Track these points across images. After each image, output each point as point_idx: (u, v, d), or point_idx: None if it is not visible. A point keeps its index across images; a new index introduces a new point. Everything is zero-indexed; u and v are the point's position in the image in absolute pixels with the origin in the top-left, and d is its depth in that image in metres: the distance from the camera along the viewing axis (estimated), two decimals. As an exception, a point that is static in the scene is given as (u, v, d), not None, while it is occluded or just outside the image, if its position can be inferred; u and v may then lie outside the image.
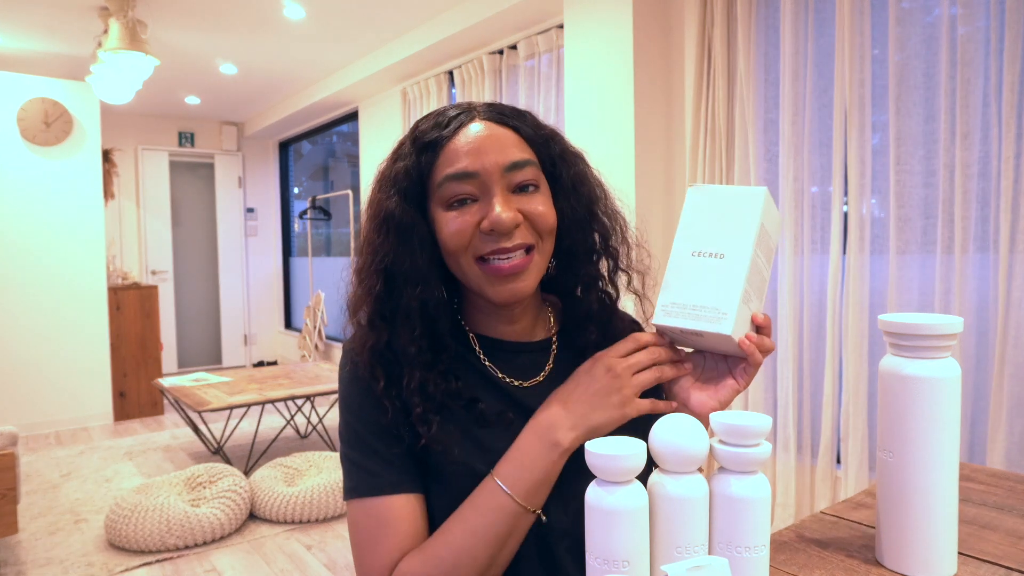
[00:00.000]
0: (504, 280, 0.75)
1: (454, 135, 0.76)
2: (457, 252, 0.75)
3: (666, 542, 0.56)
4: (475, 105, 0.79)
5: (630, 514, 0.53)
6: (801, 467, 2.49)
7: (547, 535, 0.76)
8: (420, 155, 0.77)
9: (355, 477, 0.76)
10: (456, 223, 0.74)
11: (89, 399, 4.78)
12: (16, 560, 2.69)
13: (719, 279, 0.69)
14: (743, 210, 0.70)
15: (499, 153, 0.74)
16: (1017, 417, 1.93)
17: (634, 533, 0.54)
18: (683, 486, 0.56)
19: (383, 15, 3.84)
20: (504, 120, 0.77)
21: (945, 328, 0.64)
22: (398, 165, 0.78)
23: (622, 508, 0.53)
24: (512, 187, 0.75)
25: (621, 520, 0.53)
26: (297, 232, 7.15)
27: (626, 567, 0.53)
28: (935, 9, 2.12)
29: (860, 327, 2.29)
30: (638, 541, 0.54)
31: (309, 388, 3.77)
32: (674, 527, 0.55)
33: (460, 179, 0.74)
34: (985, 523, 0.78)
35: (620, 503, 0.53)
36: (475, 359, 0.82)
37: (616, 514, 0.53)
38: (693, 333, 0.70)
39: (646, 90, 2.80)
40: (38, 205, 4.55)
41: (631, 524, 0.54)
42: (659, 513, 0.56)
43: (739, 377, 0.73)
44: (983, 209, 2.01)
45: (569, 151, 0.83)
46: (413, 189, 0.77)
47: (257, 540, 2.87)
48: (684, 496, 0.55)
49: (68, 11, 3.72)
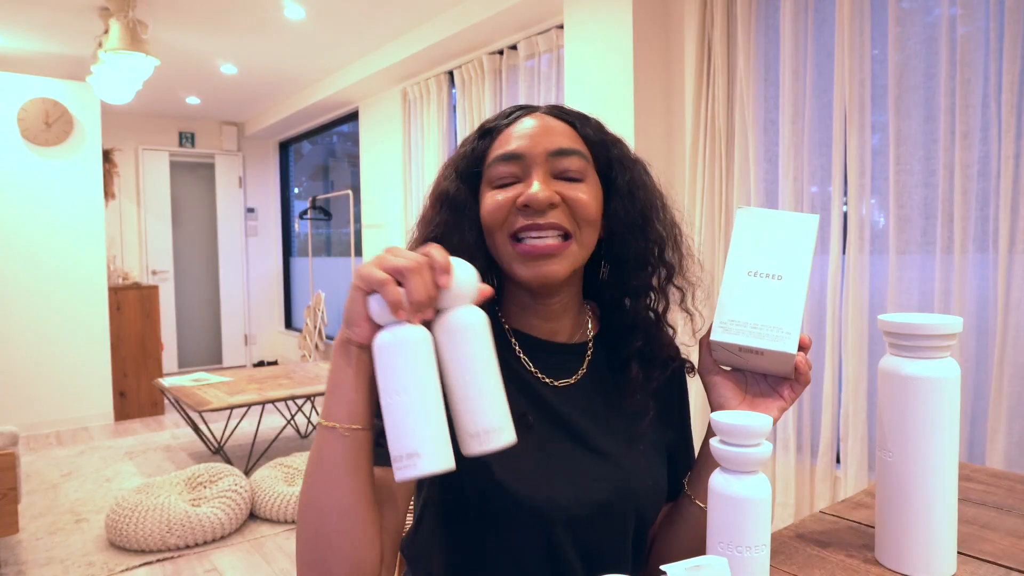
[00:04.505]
0: (536, 260, 0.76)
1: (512, 123, 0.81)
2: (493, 228, 0.78)
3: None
4: (543, 105, 0.84)
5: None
6: (801, 467, 2.49)
7: (546, 514, 0.74)
8: (479, 140, 0.82)
9: None
10: (495, 200, 0.77)
11: (89, 399, 4.79)
12: (16, 560, 2.69)
13: (779, 299, 0.70)
14: (799, 234, 0.72)
15: (547, 139, 0.78)
16: (1017, 417, 1.94)
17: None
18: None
19: (383, 15, 3.84)
20: (563, 115, 0.82)
21: (945, 328, 0.64)
22: (461, 151, 0.84)
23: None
24: (556, 172, 0.77)
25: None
26: (297, 232, 7.15)
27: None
28: (935, 9, 2.12)
29: (860, 327, 2.29)
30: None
31: (309, 388, 3.77)
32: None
33: (507, 160, 0.77)
34: (985, 523, 0.78)
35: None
36: (508, 353, 0.82)
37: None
38: (752, 351, 0.70)
39: (646, 90, 2.80)
40: (38, 205, 4.55)
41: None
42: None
43: (787, 395, 0.74)
44: (983, 209, 2.01)
45: (629, 157, 0.85)
46: (470, 172, 0.81)
47: (257, 540, 2.87)
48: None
49: (68, 11, 3.72)
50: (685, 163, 2.78)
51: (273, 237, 7.28)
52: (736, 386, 0.75)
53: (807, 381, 0.73)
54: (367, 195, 5.27)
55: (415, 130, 4.63)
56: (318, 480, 0.62)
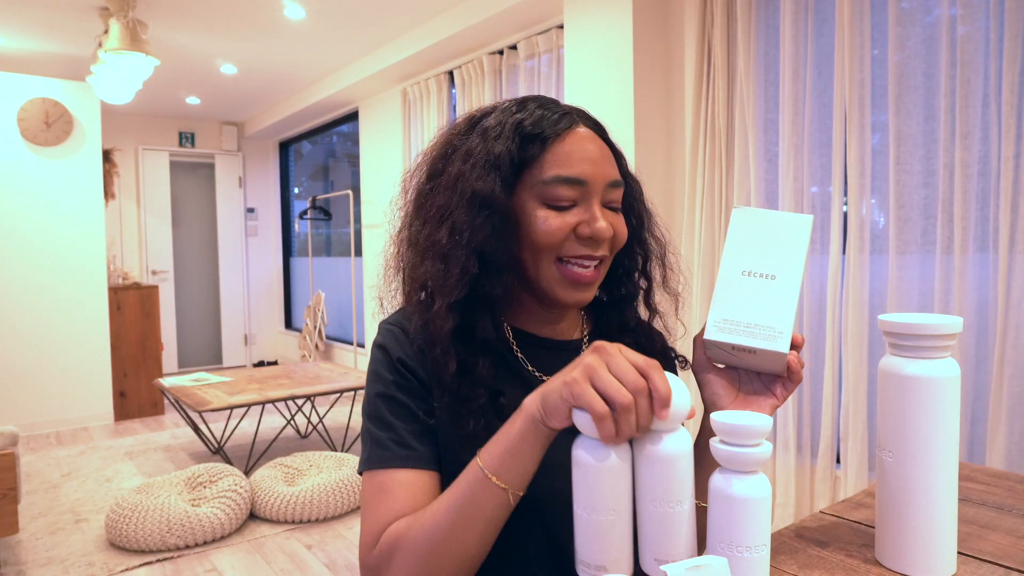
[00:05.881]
0: (578, 287, 0.79)
1: (564, 136, 0.78)
2: (545, 250, 0.78)
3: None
4: (568, 107, 0.82)
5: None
6: (801, 467, 2.49)
7: (544, 506, 0.76)
8: (524, 145, 0.78)
9: (370, 449, 0.77)
10: (554, 223, 0.77)
11: (89, 399, 4.79)
12: (16, 560, 2.69)
13: (773, 299, 0.71)
14: (792, 234, 0.73)
15: (605, 166, 0.79)
16: (1017, 417, 1.94)
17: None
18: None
19: (383, 15, 3.84)
20: (602, 133, 0.82)
21: (945, 328, 0.64)
22: (495, 146, 0.78)
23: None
24: (606, 202, 0.79)
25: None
26: (297, 232, 7.15)
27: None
28: (935, 9, 2.12)
29: (860, 327, 2.29)
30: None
31: (309, 388, 3.77)
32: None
33: (571, 184, 0.77)
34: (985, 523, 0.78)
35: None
36: (507, 350, 0.83)
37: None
38: (745, 350, 0.71)
39: (646, 90, 2.80)
40: (38, 205, 4.56)
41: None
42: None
43: (779, 393, 0.74)
44: (983, 209, 2.01)
45: (631, 173, 0.88)
46: (510, 175, 0.78)
47: (257, 540, 2.87)
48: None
49: (68, 11, 3.72)
50: (685, 163, 2.78)
51: (273, 237, 7.28)
52: (729, 384, 0.76)
53: (799, 379, 0.74)
54: (367, 195, 5.27)
55: (415, 130, 4.63)
56: (468, 525, 0.66)
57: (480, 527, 0.66)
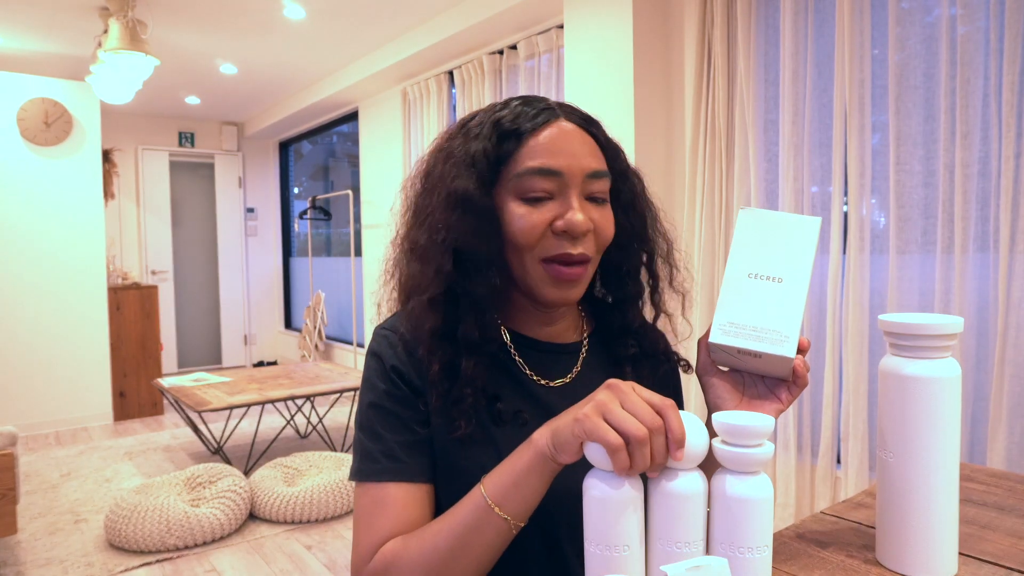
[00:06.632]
0: (562, 285, 0.77)
1: (540, 129, 0.76)
2: (524, 248, 0.76)
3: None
4: (554, 103, 0.80)
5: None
6: (801, 467, 2.49)
7: (543, 510, 0.75)
8: (501, 141, 0.77)
9: (360, 460, 0.77)
10: (530, 219, 0.75)
11: (89, 399, 4.78)
12: (16, 560, 2.69)
13: (779, 303, 0.70)
14: (800, 237, 0.72)
15: (584, 157, 0.76)
16: (1017, 417, 1.93)
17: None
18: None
19: (383, 15, 3.84)
20: (587, 126, 0.79)
21: (945, 328, 0.64)
22: (474, 146, 0.77)
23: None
24: (587, 194, 0.76)
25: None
26: (297, 232, 7.15)
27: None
28: (935, 9, 2.12)
29: (860, 327, 2.29)
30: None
31: (309, 388, 3.77)
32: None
33: (543, 175, 0.75)
34: (985, 523, 0.78)
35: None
36: (504, 354, 0.82)
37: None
38: (750, 354, 0.70)
39: (646, 90, 2.80)
40: (38, 205, 4.55)
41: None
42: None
43: (784, 397, 0.73)
44: (983, 209, 2.01)
45: (630, 168, 0.85)
46: (488, 173, 0.77)
47: (257, 540, 2.87)
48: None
49: (68, 11, 3.72)
50: (685, 163, 2.78)
51: (273, 237, 7.28)
52: (733, 387, 0.75)
53: (804, 384, 0.72)
54: (367, 195, 5.27)
55: (415, 130, 4.63)
56: (467, 551, 0.67)
57: (478, 553, 0.67)
